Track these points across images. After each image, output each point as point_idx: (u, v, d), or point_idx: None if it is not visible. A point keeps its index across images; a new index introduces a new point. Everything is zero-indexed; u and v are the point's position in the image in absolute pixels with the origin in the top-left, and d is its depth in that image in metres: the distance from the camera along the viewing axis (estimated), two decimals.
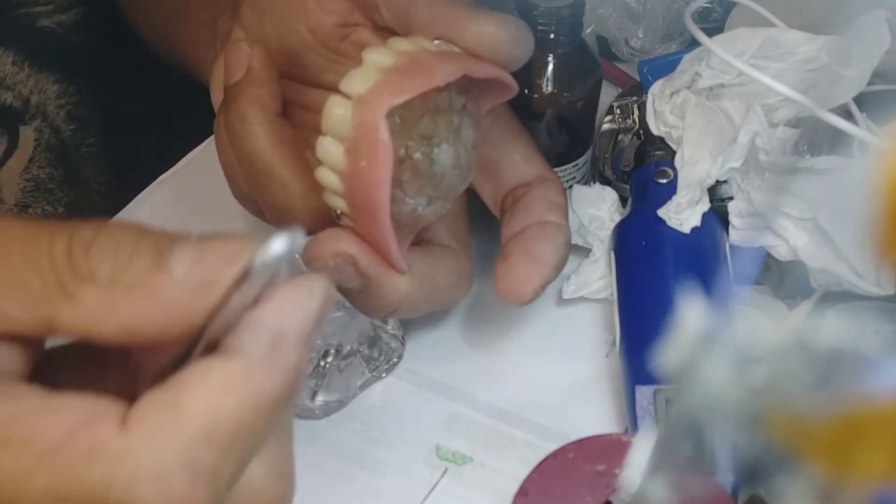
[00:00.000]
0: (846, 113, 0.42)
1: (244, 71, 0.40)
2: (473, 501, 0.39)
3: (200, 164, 0.55)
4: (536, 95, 0.46)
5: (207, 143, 0.56)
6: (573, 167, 0.49)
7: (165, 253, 0.24)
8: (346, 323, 0.40)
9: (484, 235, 0.48)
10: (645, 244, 0.43)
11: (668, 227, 0.42)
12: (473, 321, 0.46)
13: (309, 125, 0.40)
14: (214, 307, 0.24)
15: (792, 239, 0.40)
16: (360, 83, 0.34)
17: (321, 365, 0.40)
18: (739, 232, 0.42)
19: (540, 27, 0.44)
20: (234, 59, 0.40)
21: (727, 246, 0.43)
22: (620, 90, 0.54)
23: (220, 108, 0.41)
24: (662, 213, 0.43)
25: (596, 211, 0.47)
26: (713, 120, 0.44)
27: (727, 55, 0.42)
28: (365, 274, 0.37)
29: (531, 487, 0.35)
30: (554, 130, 0.47)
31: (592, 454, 0.36)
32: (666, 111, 0.46)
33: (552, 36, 0.45)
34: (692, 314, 0.20)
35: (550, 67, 0.46)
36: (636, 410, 0.38)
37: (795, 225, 0.40)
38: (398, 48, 0.35)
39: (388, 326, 0.42)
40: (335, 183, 0.35)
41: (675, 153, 0.45)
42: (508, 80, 0.38)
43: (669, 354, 0.20)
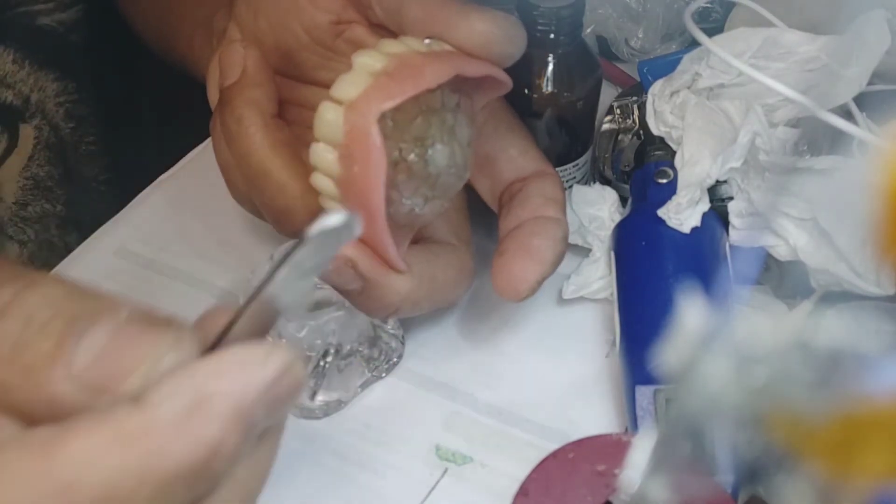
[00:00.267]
0: (846, 113, 0.42)
1: (239, 73, 0.40)
2: (473, 501, 0.39)
3: (200, 164, 0.55)
4: (536, 95, 0.46)
5: (207, 143, 0.56)
6: (573, 167, 0.49)
7: (73, 337, 0.21)
8: (345, 323, 0.40)
9: (483, 232, 0.48)
10: (645, 244, 0.43)
11: (668, 227, 0.42)
12: (473, 321, 0.46)
13: (305, 122, 0.40)
14: (252, 294, 0.21)
15: (792, 239, 0.40)
16: (350, 88, 0.34)
17: (321, 365, 0.40)
18: (739, 232, 0.42)
19: (540, 27, 0.44)
20: (228, 60, 0.40)
21: (727, 246, 0.43)
22: (620, 90, 0.54)
23: (216, 109, 0.41)
24: (662, 213, 0.43)
25: (596, 211, 0.47)
26: (713, 120, 0.44)
27: (727, 55, 0.42)
28: (364, 276, 0.36)
29: (531, 487, 0.35)
30: (554, 130, 0.47)
31: (592, 454, 0.36)
32: (666, 111, 0.46)
33: (552, 36, 0.45)
34: (692, 314, 0.20)
35: (550, 67, 0.46)
36: (636, 410, 0.38)
37: (795, 225, 0.40)
38: (388, 51, 0.35)
39: (388, 326, 0.42)
40: (330, 188, 0.36)
41: (675, 153, 0.45)
42: (502, 76, 0.37)
43: (669, 354, 0.20)
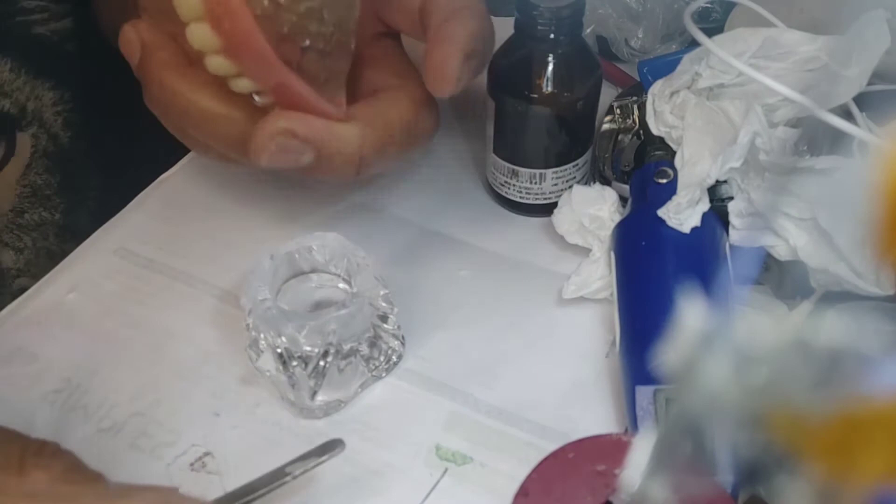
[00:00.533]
0: (846, 113, 0.42)
1: (139, 49, 0.40)
2: (473, 501, 0.39)
3: (200, 164, 0.55)
4: (536, 95, 0.46)
5: None
6: (573, 167, 0.49)
7: None
8: (346, 323, 0.40)
9: (483, 231, 0.49)
10: (645, 244, 0.43)
11: (668, 227, 0.42)
12: (473, 321, 0.46)
13: None
14: None
15: (792, 239, 0.40)
16: None
17: (321, 365, 0.40)
18: (739, 232, 0.42)
19: (540, 27, 0.44)
20: (126, 45, 0.41)
21: (727, 246, 0.43)
22: (620, 90, 0.54)
23: (143, 89, 0.42)
24: (662, 213, 0.43)
25: (596, 211, 0.47)
26: (713, 120, 0.44)
27: (727, 55, 0.42)
28: (308, 138, 0.36)
29: (531, 487, 0.35)
30: (554, 130, 0.47)
31: (592, 454, 0.36)
32: (666, 111, 0.46)
33: (552, 36, 0.45)
34: (692, 314, 0.20)
35: (550, 67, 0.46)
36: (636, 410, 0.38)
37: (795, 225, 0.40)
38: None
39: (388, 326, 0.42)
40: (224, 65, 0.36)
41: (675, 153, 0.45)
42: None
43: (669, 354, 0.20)
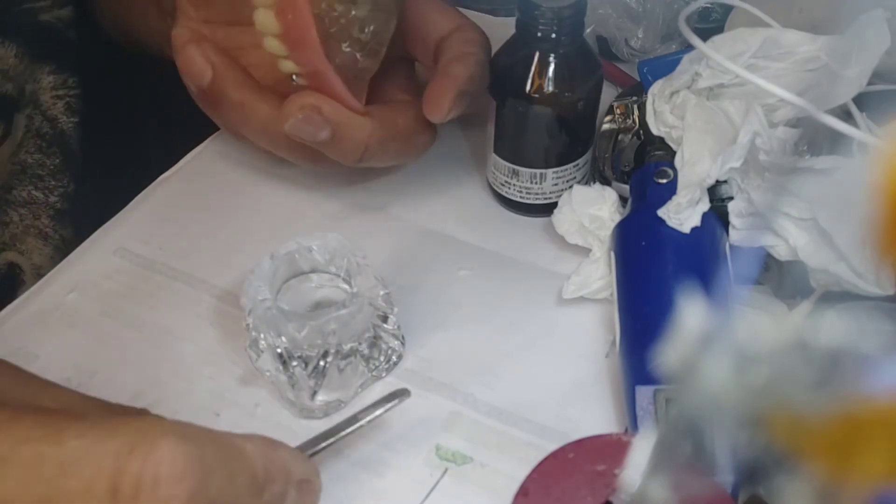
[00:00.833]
0: (846, 113, 0.42)
1: (210, 70, 0.45)
2: (473, 501, 0.39)
3: (200, 164, 0.55)
4: (537, 95, 0.46)
5: (207, 143, 0.56)
6: (573, 167, 0.49)
7: None
8: (346, 323, 0.40)
9: (483, 231, 0.49)
10: (645, 244, 0.43)
11: (668, 227, 0.42)
12: (473, 321, 0.46)
13: (265, 64, 0.46)
14: None
15: (792, 239, 0.40)
16: None
17: (321, 365, 0.40)
18: (739, 232, 0.42)
19: (541, 27, 0.44)
20: (191, 65, 0.46)
21: (727, 246, 0.43)
22: (620, 90, 0.54)
23: (213, 107, 0.47)
24: (662, 213, 0.43)
25: (596, 211, 0.47)
26: (713, 120, 0.44)
27: (722, 59, 0.42)
28: (329, 118, 0.43)
29: (531, 487, 0.35)
30: (554, 130, 0.47)
31: (592, 454, 0.36)
32: (666, 111, 0.46)
33: (553, 36, 0.45)
34: (692, 314, 0.20)
35: (551, 67, 0.46)
36: (636, 410, 0.38)
37: (795, 225, 0.40)
38: None
39: (388, 326, 0.42)
40: (279, 47, 0.43)
41: (675, 153, 0.45)
42: None
43: (669, 354, 0.20)
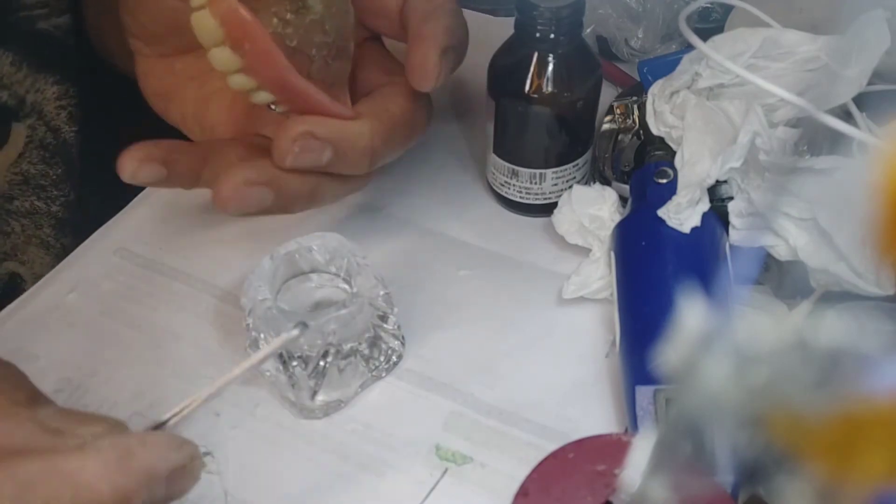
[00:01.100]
0: (846, 113, 0.42)
1: (274, 192, 0.41)
2: (473, 501, 0.39)
3: None
4: (536, 95, 0.46)
5: None
6: (573, 167, 0.49)
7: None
8: (346, 323, 0.40)
9: (483, 231, 0.48)
10: (645, 244, 0.43)
11: (668, 227, 0.42)
12: (473, 321, 0.46)
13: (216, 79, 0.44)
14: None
15: (792, 239, 0.40)
16: None
17: (321, 365, 0.40)
18: (739, 232, 0.42)
19: (540, 27, 0.44)
20: (251, 200, 0.41)
21: (727, 246, 0.43)
22: (620, 90, 0.54)
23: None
24: (662, 213, 0.43)
25: (596, 211, 0.47)
26: (713, 120, 0.44)
27: (722, 59, 0.42)
28: (326, 137, 0.40)
29: (531, 487, 0.35)
30: (554, 130, 0.47)
31: (592, 454, 0.36)
32: (666, 111, 0.46)
33: (552, 36, 0.45)
34: (692, 314, 0.20)
35: (550, 67, 0.46)
36: (636, 410, 0.38)
37: (795, 225, 0.40)
38: None
39: (388, 326, 0.42)
40: (245, 81, 0.40)
41: (675, 153, 0.45)
42: None
43: (669, 354, 0.20)
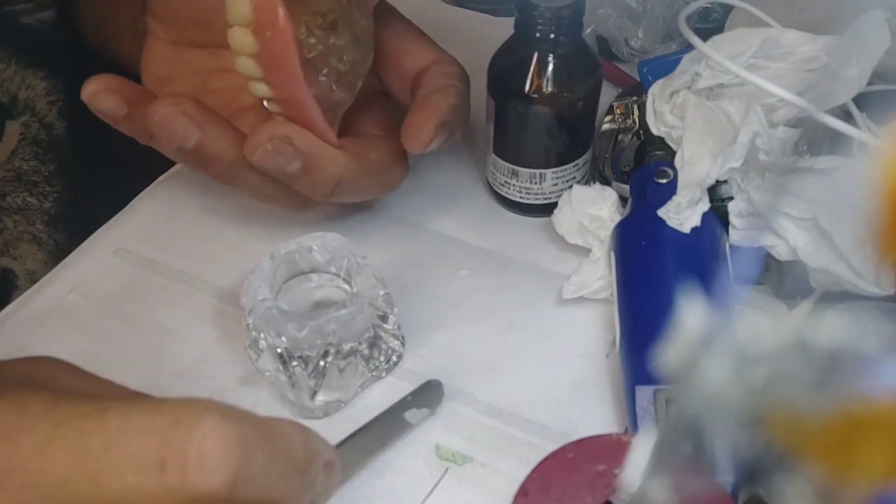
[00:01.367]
0: (846, 113, 0.42)
1: (198, 129, 0.41)
2: (473, 501, 0.39)
3: None
4: (536, 95, 0.46)
5: None
6: (573, 167, 0.49)
7: None
8: (346, 323, 0.40)
9: (483, 231, 0.48)
10: (645, 244, 0.43)
11: (668, 227, 0.42)
12: (473, 321, 0.46)
13: (231, 87, 0.46)
14: None
15: (792, 239, 0.40)
16: None
17: (321, 365, 0.40)
18: (739, 232, 0.42)
19: (540, 27, 0.44)
20: (174, 127, 0.41)
21: (727, 246, 0.43)
22: (620, 90, 0.54)
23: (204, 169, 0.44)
24: (662, 213, 0.43)
25: (596, 211, 0.47)
26: (713, 120, 0.44)
27: (721, 59, 0.42)
28: (301, 149, 0.41)
29: (531, 487, 0.35)
30: (554, 130, 0.47)
31: (592, 454, 0.36)
32: (666, 111, 0.46)
33: (552, 36, 0.45)
34: (692, 314, 0.20)
35: (550, 67, 0.46)
36: (636, 410, 0.38)
37: (795, 225, 0.40)
38: None
39: (388, 326, 0.42)
40: (253, 68, 0.40)
41: (675, 153, 0.45)
42: None
43: (669, 354, 0.20)
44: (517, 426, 0.41)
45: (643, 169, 0.46)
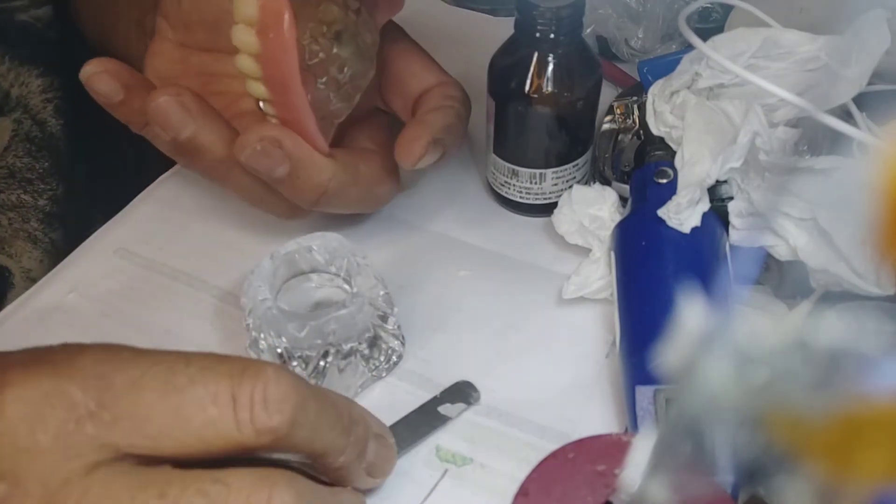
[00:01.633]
0: (846, 113, 0.42)
1: (194, 122, 0.41)
2: (473, 502, 0.39)
3: None
4: (536, 95, 0.46)
5: None
6: (573, 167, 0.49)
7: None
8: (346, 323, 0.40)
9: (483, 231, 0.48)
10: (645, 244, 0.43)
11: (668, 227, 0.42)
12: (473, 321, 0.46)
13: (234, 92, 0.46)
14: None
15: (792, 239, 0.40)
16: None
17: (321, 365, 0.40)
18: (739, 232, 0.42)
19: (540, 27, 0.44)
20: (171, 117, 0.41)
21: (727, 246, 0.43)
22: (620, 90, 0.54)
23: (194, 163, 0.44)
24: (662, 213, 0.43)
25: (596, 211, 0.47)
26: (713, 120, 0.44)
27: (721, 59, 0.42)
28: (290, 154, 0.41)
29: (531, 487, 0.35)
30: (554, 130, 0.47)
31: (592, 454, 0.36)
32: (666, 111, 0.46)
33: (552, 36, 0.45)
34: (692, 314, 0.20)
35: (550, 67, 0.46)
36: (636, 410, 0.38)
37: (795, 225, 0.40)
38: None
39: (388, 326, 0.42)
40: (253, 67, 0.41)
41: (675, 153, 0.45)
42: None
43: (669, 354, 0.20)
44: (517, 426, 0.41)
45: (643, 169, 0.46)
